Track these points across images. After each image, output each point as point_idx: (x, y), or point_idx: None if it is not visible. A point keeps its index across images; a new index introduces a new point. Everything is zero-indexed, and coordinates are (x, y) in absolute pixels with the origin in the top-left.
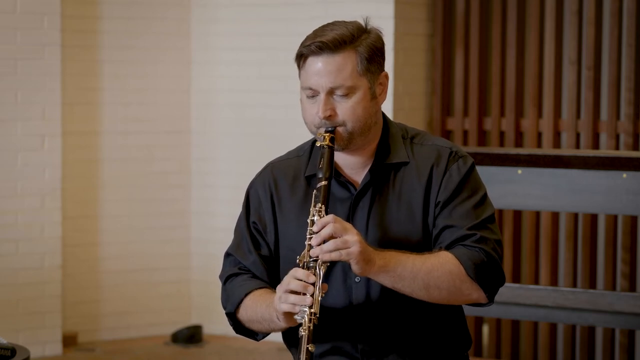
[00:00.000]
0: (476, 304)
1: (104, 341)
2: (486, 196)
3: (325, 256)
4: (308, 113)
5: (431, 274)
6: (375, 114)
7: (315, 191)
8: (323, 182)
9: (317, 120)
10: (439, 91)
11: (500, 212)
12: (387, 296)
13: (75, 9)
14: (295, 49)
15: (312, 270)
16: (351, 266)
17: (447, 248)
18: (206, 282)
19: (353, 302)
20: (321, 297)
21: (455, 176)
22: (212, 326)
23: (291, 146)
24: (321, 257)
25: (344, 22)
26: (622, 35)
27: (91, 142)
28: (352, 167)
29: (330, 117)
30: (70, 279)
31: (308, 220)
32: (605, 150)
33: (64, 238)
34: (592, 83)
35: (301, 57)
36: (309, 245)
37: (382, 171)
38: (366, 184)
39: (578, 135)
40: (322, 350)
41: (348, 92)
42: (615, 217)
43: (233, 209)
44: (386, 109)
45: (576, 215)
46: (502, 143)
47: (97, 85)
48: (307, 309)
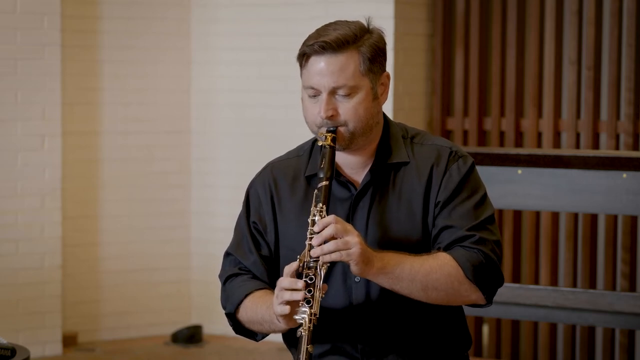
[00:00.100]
0: (475, 305)
1: (104, 341)
2: (486, 196)
3: (325, 256)
4: (309, 112)
5: (429, 276)
6: (376, 114)
7: (316, 191)
8: (324, 182)
9: (319, 119)
10: (439, 91)
11: (500, 212)
12: (387, 296)
13: (75, 9)
14: (295, 49)
15: (313, 270)
16: (350, 267)
17: (446, 249)
18: (206, 282)
19: (353, 302)
20: (321, 298)
21: (455, 176)
22: (212, 326)
23: (291, 146)
24: (322, 258)
25: (347, 22)
26: (622, 35)
27: (91, 142)
28: (353, 167)
29: (332, 117)
30: (70, 279)
31: (309, 220)
32: (605, 150)
33: (64, 238)
34: (592, 83)
35: (303, 56)
36: (310, 245)
37: (383, 171)
38: (366, 184)
39: (578, 135)
40: (322, 350)
41: (350, 92)
42: (615, 217)
43: (233, 209)
44: (386, 109)
45: (576, 215)
46: (502, 143)
47: (97, 85)
48: (307, 309)
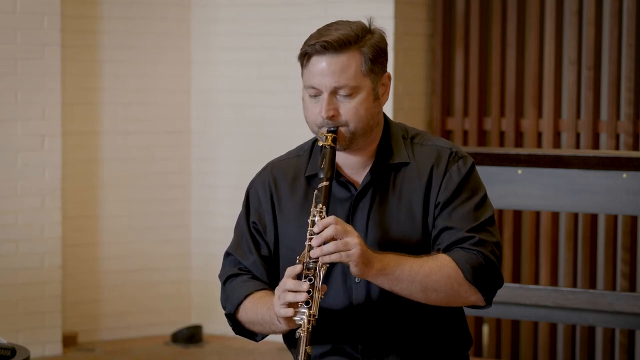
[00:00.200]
0: (474, 307)
1: (104, 341)
2: (486, 197)
3: (325, 257)
4: (310, 112)
5: (429, 277)
6: (377, 115)
7: (316, 191)
8: (324, 183)
9: (320, 119)
10: (439, 91)
11: (500, 212)
12: (387, 297)
13: (75, 9)
14: (295, 49)
15: (312, 271)
16: (350, 268)
17: (446, 250)
18: (206, 282)
19: (353, 303)
20: (320, 298)
21: (455, 177)
22: (212, 326)
23: (291, 146)
24: (321, 259)
25: (348, 22)
26: (622, 35)
27: (91, 142)
28: (353, 167)
29: (333, 117)
30: (70, 279)
31: (309, 220)
32: (605, 150)
33: (64, 238)
34: (592, 83)
35: (305, 56)
36: (309, 245)
37: (383, 171)
38: (366, 184)
39: (578, 135)
40: (323, 350)
41: (351, 93)
42: (615, 217)
43: (233, 209)
44: (386, 109)
45: (576, 215)
46: (502, 143)
47: (97, 85)
48: (306, 311)
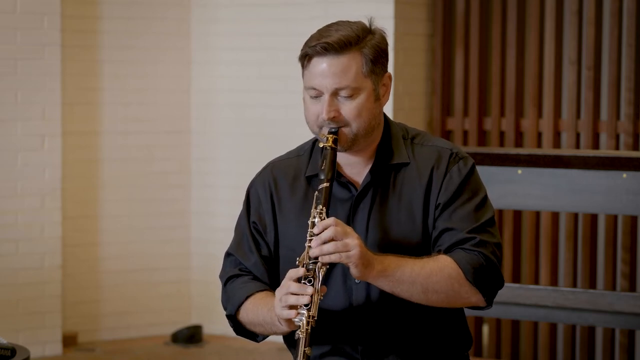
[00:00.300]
0: (475, 308)
1: (104, 341)
2: (486, 198)
3: (325, 258)
4: (311, 113)
5: (430, 279)
6: (378, 115)
7: (316, 192)
8: (325, 184)
9: (320, 120)
10: (439, 91)
11: (500, 212)
12: (387, 297)
13: (75, 9)
14: (295, 49)
15: (312, 272)
16: (350, 270)
17: (447, 251)
18: (206, 282)
19: (353, 304)
20: (320, 299)
21: (455, 178)
22: (212, 326)
23: (291, 146)
24: (321, 259)
25: (349, 22)
26: (622, 35)
27: (91, 142)
28: (353, 168)
29: (334, 118)
30: (70, 279)
31: (309, 221)
32: (605, 150)
33: (64, 238)
34: (592, 83)
35: (305, 57)
36: (309, 246)
37: (383, 172)
38: (367, 185)
39: (578, 135)
40: (323, 351)
41: (352, 94)
42: (615, 217)
43: (233, 209)
44: (386, 109)
45: (576, 215)
46: (502, 143)
47: (97, 85)
48: (305, 312)
